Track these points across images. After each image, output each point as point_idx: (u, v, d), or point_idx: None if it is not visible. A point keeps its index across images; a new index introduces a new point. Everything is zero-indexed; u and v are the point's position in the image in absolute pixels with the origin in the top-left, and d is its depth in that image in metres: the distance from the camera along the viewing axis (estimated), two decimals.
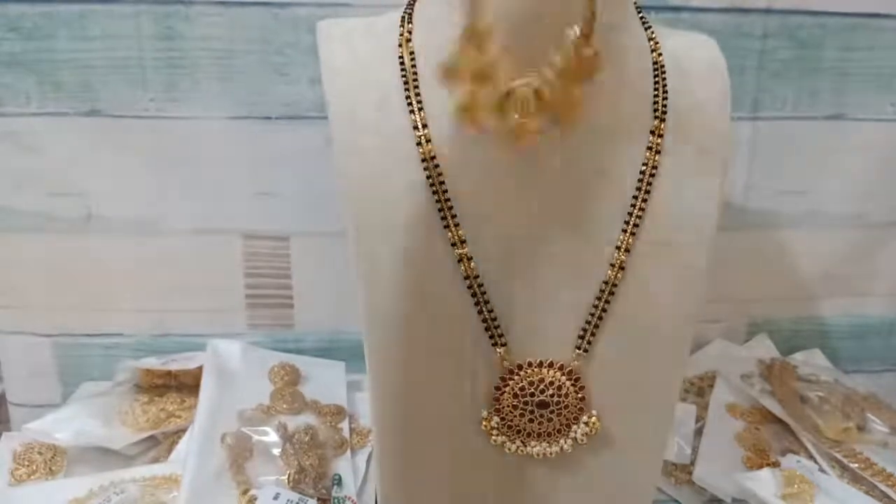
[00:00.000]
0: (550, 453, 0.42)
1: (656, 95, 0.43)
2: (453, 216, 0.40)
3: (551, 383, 0.41)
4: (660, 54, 0.44)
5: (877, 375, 0.86)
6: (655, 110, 0.43)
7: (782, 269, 0.84)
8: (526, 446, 0.42)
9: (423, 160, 0.41)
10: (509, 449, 0.42)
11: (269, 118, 0.73)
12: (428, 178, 0.40)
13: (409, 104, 0.42)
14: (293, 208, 0.76)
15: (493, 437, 0.42)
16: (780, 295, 0.86)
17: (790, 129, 0.78)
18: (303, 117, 0.73)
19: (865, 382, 0.79)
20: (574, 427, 0.42)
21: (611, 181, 0.42)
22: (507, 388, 0.42)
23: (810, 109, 0.78)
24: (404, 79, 0.42)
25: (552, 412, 0.42)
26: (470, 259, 0.40)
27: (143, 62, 0.70)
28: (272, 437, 0.62)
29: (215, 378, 0.67)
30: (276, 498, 0.56)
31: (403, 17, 0.45)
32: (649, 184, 0.42)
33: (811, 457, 0.66)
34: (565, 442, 0.42)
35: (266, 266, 0.78)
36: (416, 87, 0.42)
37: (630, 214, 0.42)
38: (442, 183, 0.40)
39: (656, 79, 0.44)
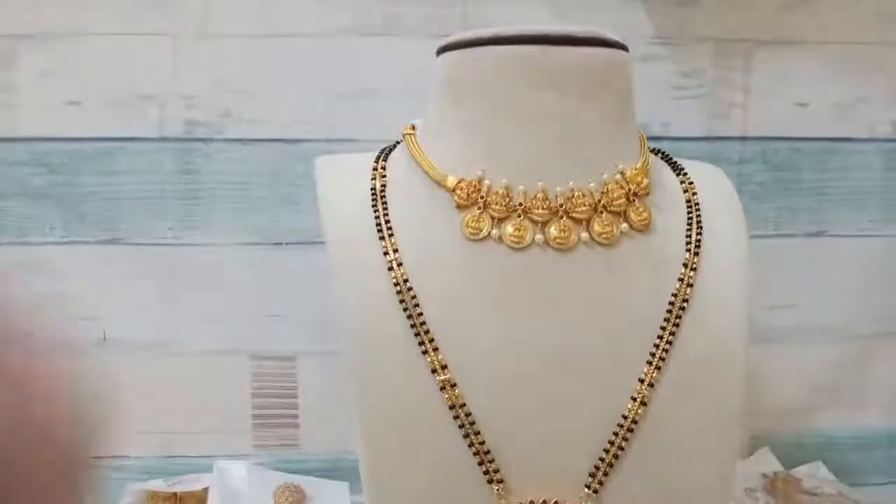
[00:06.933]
0: None
1: (689, 229, 0.43)
2: (430, 340, 0.38)
3: None
4: (694, 193, 0.45)
5: (881, 489, 0.85)
6: (688, 244, 0.42)
7: (780, 382, 0.85)
8: None
9: (396, 283, 0.39)
10: None
11: (280, 244, 0.76)
12: (401, 301, 0.39)
13: (381, 236, 0.41)
14: (300, 329, 0.78)
15: None
16: (780, 408, 0.86)
17: (774, 247, 0.81)
18: (312, 242, 0.76)
19: (870, 495, 0.78)
20: None
21: (637, 310, 0.41)
22: None
23: (791, 227, 0.82)
24: (374, 210, 0.42)
25: None
26: (454, 386, 0.38)
27: (164, 194, 0.75)
28: None
29: (221, 499, 0.68)
30: None
31: (378, 156, 0.46)
32: (678, 316, 0.40)
33: None
34: None
35: (273, 386, 0.79)
36: (388, 217, 0.42)
37: (657, 346, 0.40)
38: (416, 306, 0.39)
39: (689, 214, 0.44)
